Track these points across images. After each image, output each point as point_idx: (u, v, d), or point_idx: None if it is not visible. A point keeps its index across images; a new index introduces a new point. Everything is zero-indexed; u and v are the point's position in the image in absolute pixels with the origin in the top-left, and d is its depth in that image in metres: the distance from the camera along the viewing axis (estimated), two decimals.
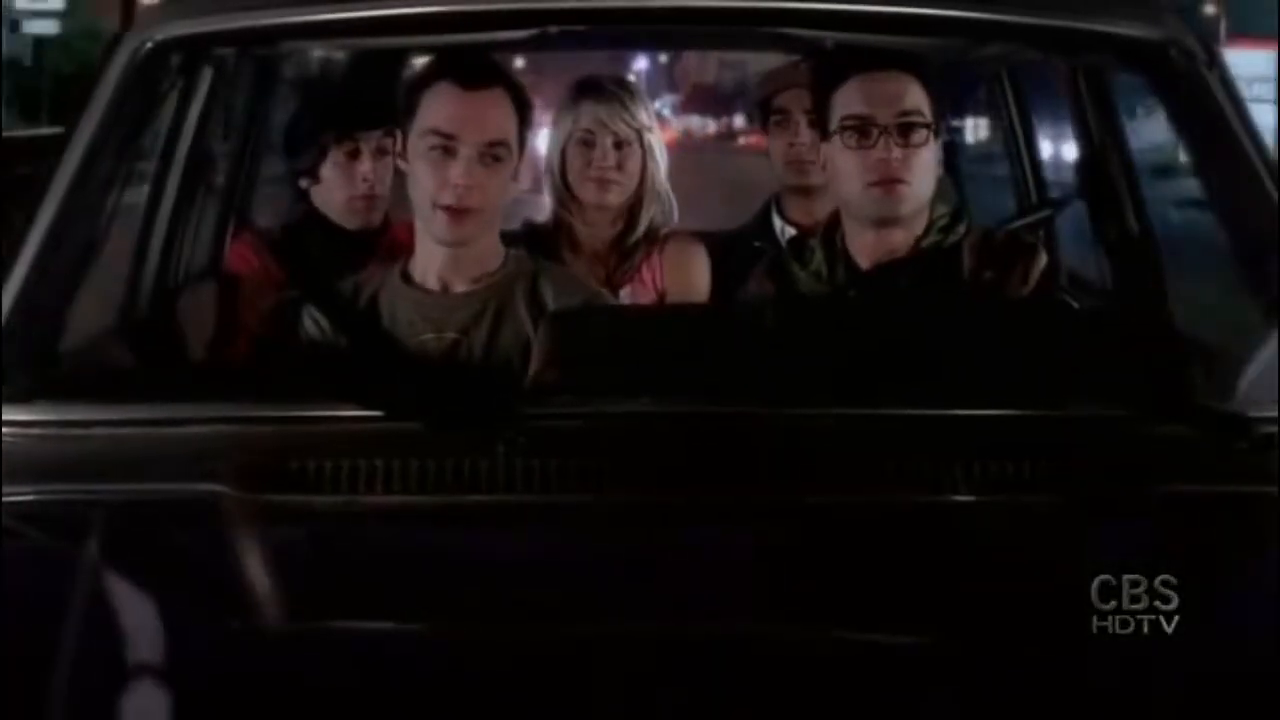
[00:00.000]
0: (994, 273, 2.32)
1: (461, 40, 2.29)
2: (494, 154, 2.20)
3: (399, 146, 2.33)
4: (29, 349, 1.94)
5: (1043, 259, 2.41)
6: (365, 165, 3.03)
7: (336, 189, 3.07)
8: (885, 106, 2.29)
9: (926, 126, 2.30)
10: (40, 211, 2.00)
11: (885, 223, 2.34)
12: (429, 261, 2.29)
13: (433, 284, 2.29)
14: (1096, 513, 1.79)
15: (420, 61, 2.37)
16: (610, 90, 2.81)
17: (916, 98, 2.31)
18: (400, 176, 2.95)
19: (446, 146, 2.19)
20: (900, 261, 2.35)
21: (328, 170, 3.07)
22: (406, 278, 2.31)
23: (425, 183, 2.21)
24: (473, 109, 2.20)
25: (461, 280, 2.29)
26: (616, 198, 2.81)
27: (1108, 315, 2.62)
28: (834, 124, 2.34)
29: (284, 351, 2.32)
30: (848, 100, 2.32)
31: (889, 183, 2.29)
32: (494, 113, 2.22)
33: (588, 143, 2.80)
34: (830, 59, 2.46)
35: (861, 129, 2.30)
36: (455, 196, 2.19)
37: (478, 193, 2.19)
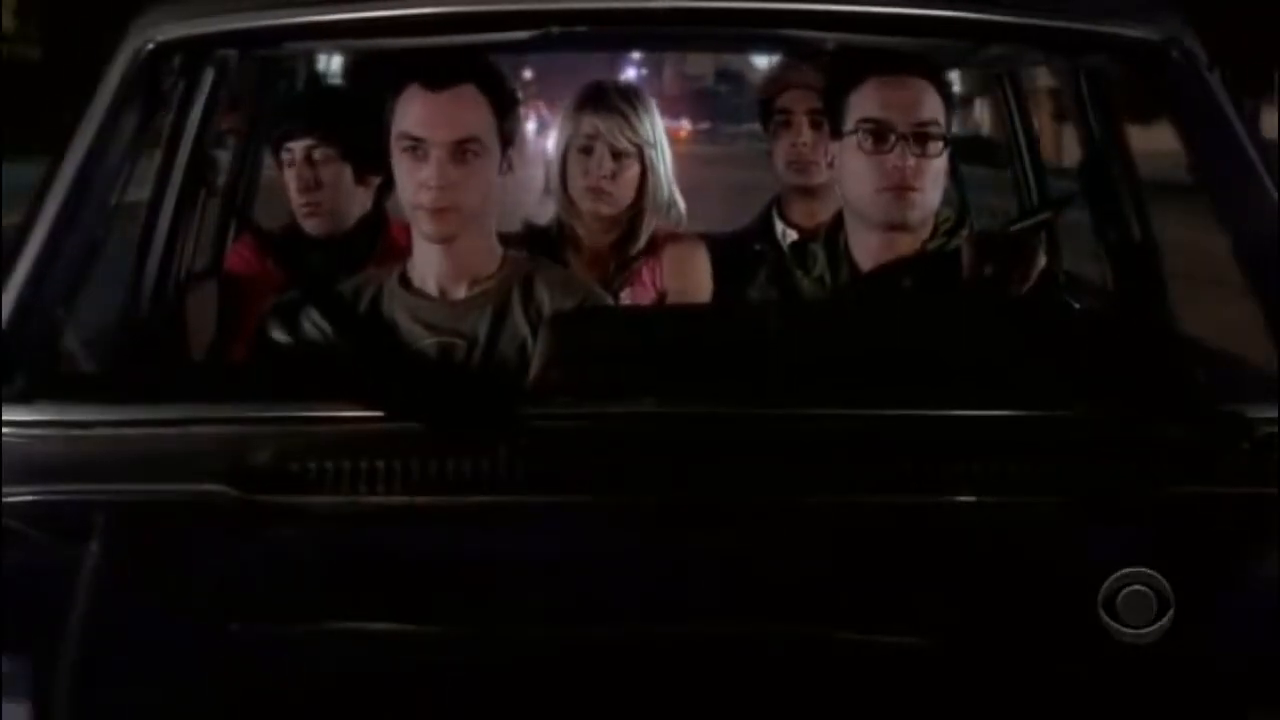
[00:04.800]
0: (994, 274, 2.32)
1: (462, 41, 2.29)
2: (467, 151, 2.21)
3: (350, 153, 2.30)
4: (29, 349, 1.94)
5: (1042, 260, 2.41)
6: (295, 173, 3.07)
7: (289, 195, 3.12)
8: (904, 113, 2.29)
9: (942, 137, 2.30)
10: (41, 212, 2.00)
11: (893, 227, 2.34)
12: (425, 264, 2.30)
13: (431, 290, 2.29)
14: (1096, 513, 1.79)
15: (391, 67, 2.37)
16: (613, 102, 2.81)
17: (934, 106, 2.31)
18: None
19: (416, 149, 2.21)
20: (903, 264, 2.35)
21: (283, 177, 3.13)
22: (405, 282, 2.32)
23: (404, 184, 2.24)
24: (439, 110, 2.21)
25: (459, 285, 2.29)
26: (609, 209, 2.81)
27: (1108, 315, 2.62)
28: (849, 125, 2.33)
29: (284, 353, 2.32)
30: (865, 103, 2.32)
31: (902, 189, 2.29)
32: (462, 111, 2.22)
33: (587, 150, 2.80)
34: (848, 58, 2.46)
35: (878, 133, 2.29)
36: (430, 197, 2.20)
37: (453, 192, 2.20)
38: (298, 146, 3.09)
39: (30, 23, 28.38)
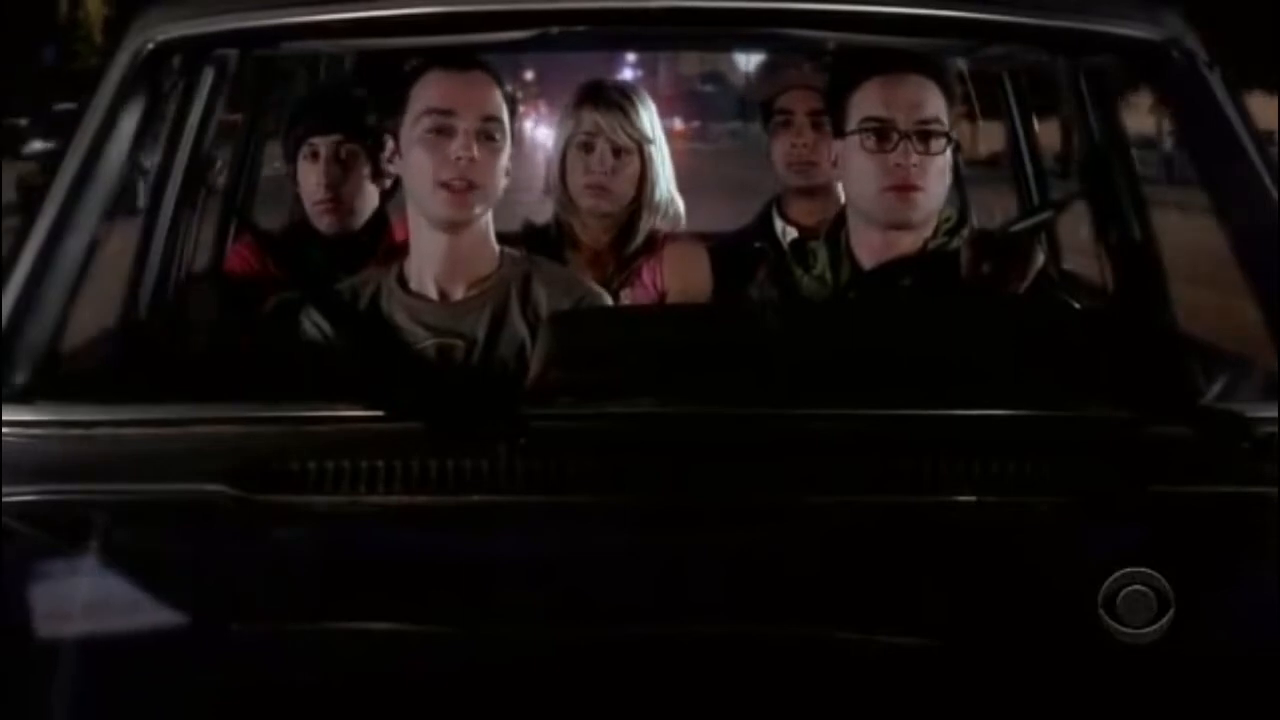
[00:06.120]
0: (992, 272, 2.32)
1: (462, 41, 2.29)
2: (489, 130, 2.22)
3: (373, 151, 2.31)
4: (29, 349, 1.94)
5: (1040, 258, 2.41)
6: (321, 169, 3.07)
7: (304, 192, 3.12)
8: (906, 112, 2.28)
9: (945, 135, 2.30)
10: (41, 212, 2.00)
11: (896, 226, 2.34)
12: (424, 264, 2.29)
13: (429, 290, 2.29)
14: (1096, 513, 1.79)
15: (407, 61, 2.38)
16: (613, 98, 2.82)
17: (936, 105, 2.30)
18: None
19: (443, 125, 2.21)
20: (904, 262, 2.35)
21: (299, 173, 3.12)
22: (403, 283, 2.31)
23: (425, 164, 2.22)
24: (465, 87, 2.24)
25: (458, 286, 2.29)
26: (610, 205, 2.82)
27: (1108, 315, 2.62)
28: (852, 124, 2.33)
29: (284, 353, 2.32)
30: (868, 102, 2.31)
31: (905, 189, 2.28)
32: (485, 91, 2.25)
33: (587, 147, 2.81)
34: (850, 58, 2.46)
35: (881, 132, 2.29)
36: (457, 170, 2.20)
37: (477, 168, 2.21)
38: (324, 142, 3.08)
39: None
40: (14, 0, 27.55)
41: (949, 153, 2.32)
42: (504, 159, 2.25)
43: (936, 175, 2.31)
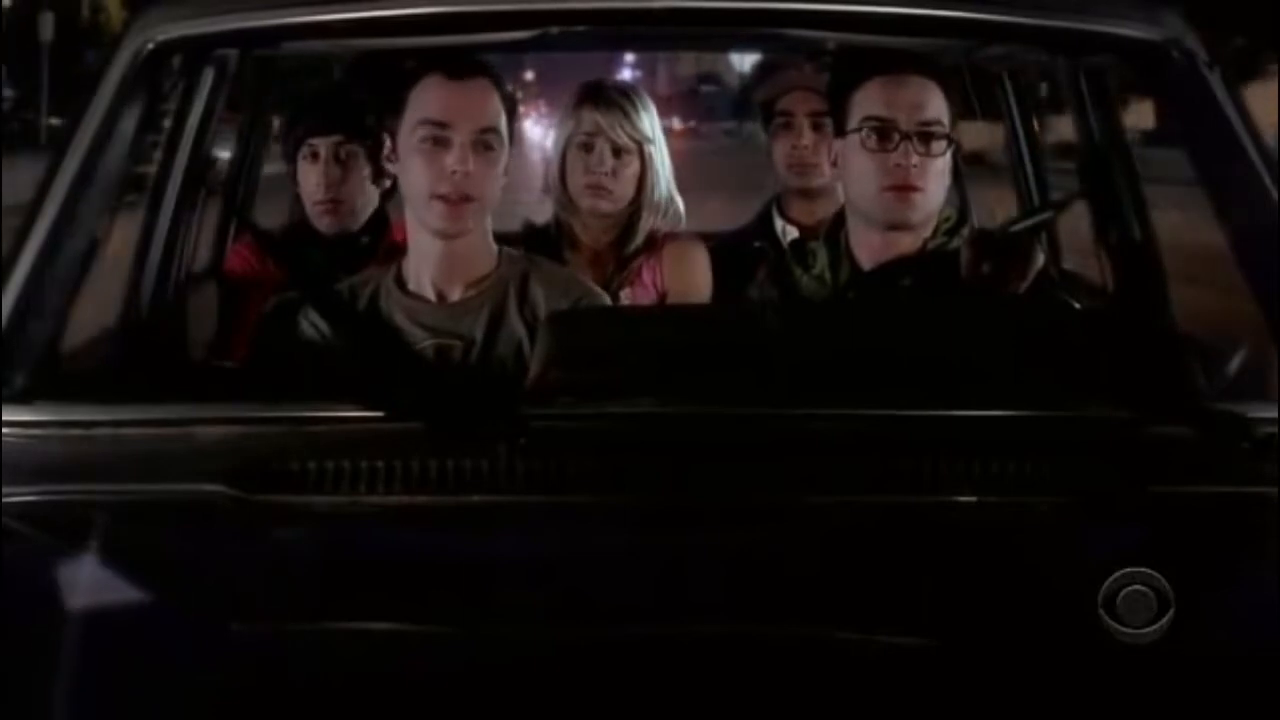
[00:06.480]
0: (992, 272, 2.32)
1: (462, 41, 2.30)
2: (486, 141, 2.21)
3: (373, 152, 2.32)
4: (29, 349, 1.94)
5: (1040, 258, 2.41)
6: (321, 169, 3.08)
7: (304, 192, 3.13)
8: (908, 112, 2.28)
9: (946, 137, 2.30)
10: (41, 212, 2.00)
11: (895, 227, 2.34)
12: (422, 265, 2.29)
13: (427, 291, 2.29)
14: (1096, 513, 1.79)
15: (406, 62, 2.38)
16: (613, 98, 2.82)
17: (938, 106, 2.30)
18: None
19: (439, 137, 2.20)
20: (904, 262, 2.35)
21: (299, 173, 3.13)
22: (401, 283, 2.31)
23: (420, 175, 2.21)
24: (463, 98, 2.22)
25: (456, 286, 2.29)
26: (610, 206, 2.82)
27: (1108, 315, 2.62)
28: (853, 123, 2.33)
29: (284, 353, 2.32)
30: (870, 101, 2.31)
31: (904, 189, 2.29)
32: (483, 101, 2.23)
33: (587, 147, 2.81)
34: (854, 57, 2.46)
35: (882, 131, 2.29)
36: (452, 184, 2.19)
37: (473, 181, 2.20)
38: (324, 143, 3.09)
39: None
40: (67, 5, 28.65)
41: (949, 154, 2.32)
42: (501, 166, 2.25)
43: (936, 176, 2.31)
